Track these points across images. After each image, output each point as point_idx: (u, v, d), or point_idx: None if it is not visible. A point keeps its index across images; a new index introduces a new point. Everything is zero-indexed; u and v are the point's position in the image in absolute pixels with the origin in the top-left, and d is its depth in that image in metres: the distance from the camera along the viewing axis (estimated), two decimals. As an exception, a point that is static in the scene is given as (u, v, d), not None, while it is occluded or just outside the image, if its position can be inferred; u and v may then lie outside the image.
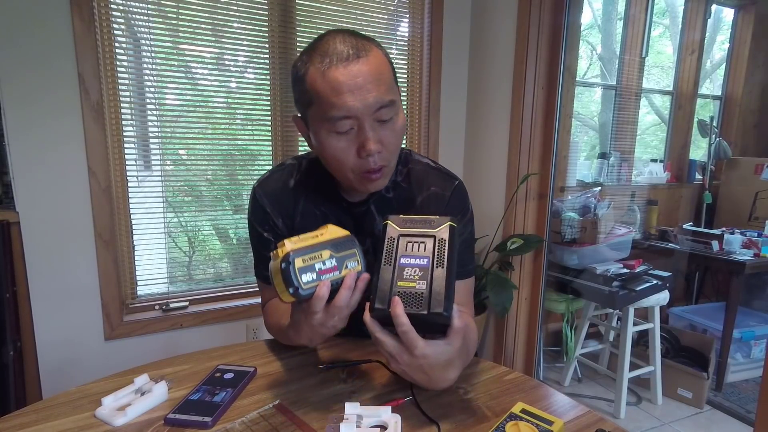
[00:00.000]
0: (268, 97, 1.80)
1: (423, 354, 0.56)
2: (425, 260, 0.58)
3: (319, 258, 0.57)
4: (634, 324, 1.90)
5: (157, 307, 1.73)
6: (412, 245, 0.59)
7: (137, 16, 1.58)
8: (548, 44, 1.81)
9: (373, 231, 0.85)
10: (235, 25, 1.72)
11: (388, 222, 0.62)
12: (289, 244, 0.57)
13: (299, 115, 0.75)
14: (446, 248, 0.59)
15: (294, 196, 0.83)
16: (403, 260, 0.58)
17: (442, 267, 0.57)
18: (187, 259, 1.86)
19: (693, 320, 2.32)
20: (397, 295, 0.56)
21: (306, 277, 0.56)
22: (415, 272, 0.57)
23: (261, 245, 0.84)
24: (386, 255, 0.59)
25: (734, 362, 2.14)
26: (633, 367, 1.92)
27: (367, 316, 0.57)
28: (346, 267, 0.60)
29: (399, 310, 0.54)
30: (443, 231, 0.60)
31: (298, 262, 0.55)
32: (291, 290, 0.55)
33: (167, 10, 1.62)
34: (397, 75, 0.76)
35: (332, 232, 0.61)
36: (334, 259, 0.59)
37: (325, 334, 0.64)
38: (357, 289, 0.60)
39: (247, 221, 0.87)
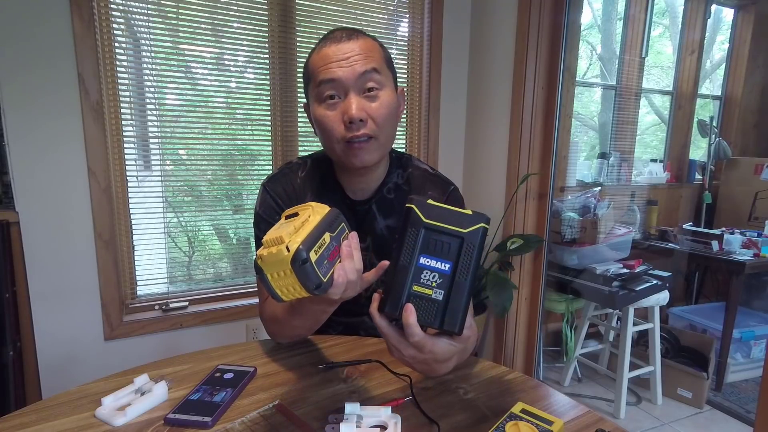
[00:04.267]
0: (268, 97, 1.80)
1: (430, 351, 0.55)
2: (447, 266, 0.52)
3: (324, 244, 0.52)
4: (634, 324, 1.90)
5: (157, 307, 1.73)
6: (436, 243, 0.52)
7: (137, 16, 1.58)
8: (548, 44, 1.81)
9: (374, 229, 0.87)
10: (235, 25, 1.72)
11: (414, 207, 0.53)
12: (292, 236, 0.50)
13: (307, 102, 0.82)
14: (473, 257, 0.52)
15: (302, 191, 0.87)
16: (422, 260, 0.52)
17: (465, 279, 0.52)
18: (187, 259, 1.86)
19: (693, 320, 2.32)
20: (411, 301, 0.52)
21: (322, 270, 0.51)
22: (434, 278, 0.52)
23: None
24: (406, 249, 0.52)
25: (734, 362, 2.14)
26: (633, 367, 1.92)
27: (374, 309, 0.55)
28: (342, 240, 0.56)
29: (412, 320, 0.52)
30: (474, 234, 0.53)
31: (313, 256, 0.49)
32: (314, 287, 0.50)
33: (167, 10, 1.62)
34: (398, 75, 0.78)
35: (318, 209, 0.56)
36: (333, 240, 0.54)
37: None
38: (355, 249, 0.57)
39: (253, 217, 0.88)
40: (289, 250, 0.48)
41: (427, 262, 0.52)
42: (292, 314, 0.71)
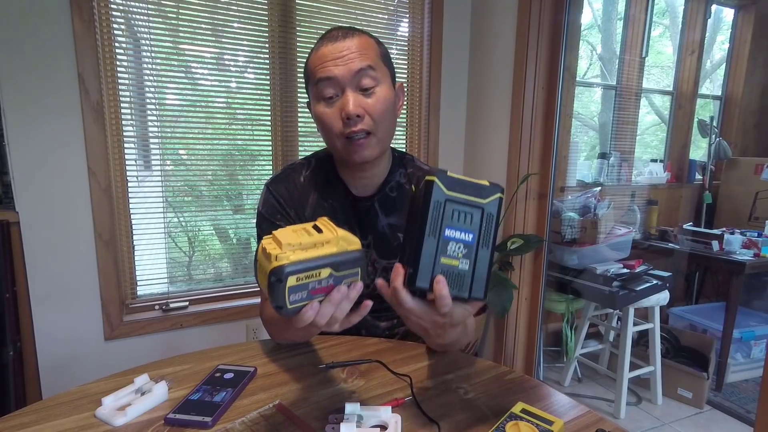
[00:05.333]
0: (268, 97, 1.80)
1: (449, 316, 0.56)
2: (471, 236, 0.53)
3: (316, 276, 0.49)
4: (634, 324, 1.90)
5: (157, 307, 1.73)
6: (459, 215, 0.53)
7: (137, 16, 1.58)
8: (548, 44, 1.81)
9: (375, 227, 0.88)
10: (235, 25, 1.72)
11: (435, 179, 0.52)
12: (288, 251, 0.48)
13: (309, 100, 0.84)
14: (493, 226, 0.54)
15: (305, 190, 0.87)
16: (448, 232, 0.53)
17: (487, 247, 0.54)
18: (187, 259, 1.86)
19: (693, 320, 2.32)
20: (441, 274, 0.53)
21: (294, 296, 0.48)
22: (459, 248, 0.53)
23: None
24: (431, 224, 0.52)
25: (734, 362, 2.14)
26: (633, 367, 1.92)
27: (400, 284, 0.54)
28: (344, 285, 0.52)
29: (445, 291, 0.52)
30: (492, 204, 0.54)
31: (291, 281, 0.47)
32: (274, 305, 0.48)
33: (167, 10, 1.62)
34: (398, 75, 0.79)
35: (342, 239, 0.51)
36: (332, 278, 0.51)
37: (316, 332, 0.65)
38: (347, 299, 0.54)
39: (256, 217, 0.88)
40: (275, 260, 0.47)
41: (452, 233, 0.53)
42: (284, 321, 0.71)
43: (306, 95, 0.85)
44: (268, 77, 1.79)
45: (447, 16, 2.06)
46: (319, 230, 0.52)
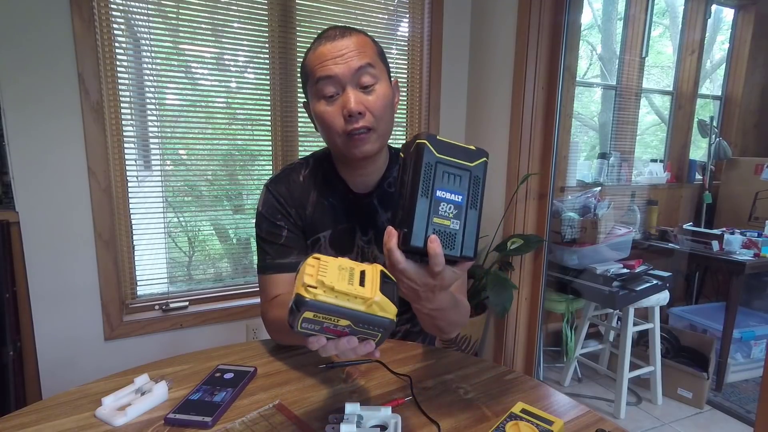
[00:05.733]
0: (268, 97, 1.80)
1: (441, 277, 0.57)
2: (460, 197, 0.55)
3: (334, 321, 0.48)
4: (634, 324, 1.90)
5: (157, 307, 1.73)
6: (449, 177, 0.55)
7: (137, 16, 1.58)
8: (548, 44, 1.81)
9: (376, 222, 0.89)
10: (235, 25, 1.72)
11: (425, 142, 0.54)
12: (320, 289, 0.46)
13: (306, 100, 0.84)
14: (480, 188, 0.56)
15: (305, 189, 0.88)
16: (439, 193, 0.54)
17: (475, 209, 0.56)
18: (187, 259, 1.86)
19: (693, 320, 2.32)
20: (434, 233, 0.54)
21: (306, 325, 0.49)
22: (450, 209, 0.55)
23: (271, 235, 0.86)
24: (423, 184, 0.54)
25: (734, 362, 2.14)
26: (633, 367, 1.92)
27: (394, 245, 0.55)
28: (357, 337, 0.51)
29: (439, 249, 0.54)
30: (479, 167, 0.57)
31: (308, 314, 0.47)
32: (287, 320, 0.49)
33: (167, 10, 1.62)
34: (398, 75, 0.79)
35: (376, 305, 0.48)
36: (349, 329, 0.49)
37: None
38: (352, 351, 0.52)
39: (255, 217, 0.88)
40: (303, 290, 0.47)
41: (443, 194, 0.55)
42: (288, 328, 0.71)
43: (303, 95, 0.86)
44: (268, 77, 1.79)
45: (447, 16, 2.06)
46: (363, 281, 0.50)
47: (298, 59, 1.82)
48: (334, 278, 0.48)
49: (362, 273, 0.51)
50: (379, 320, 0.49)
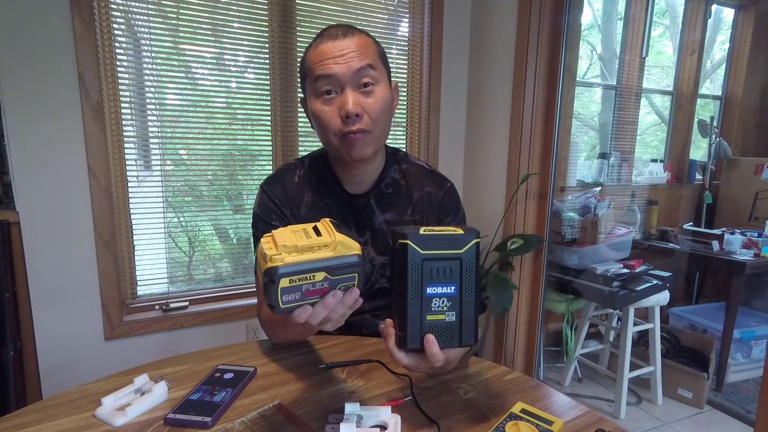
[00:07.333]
0: (268, 97, 1.80)
1: (446, 360, 0.58)
2: (453, 288, 0.54)
3: (310, 279, 0.49)
4: (635, 324, 1.90)
5: (157, 307, 1.73)
6: (437, 271, 0.54)
7: (137, 16, 1.58)
8: (548, 44, 1.81)
9: (373, 224, 0.88)
10: (235, 25, 1.72)
11: (408, 242, 0.53)
12: (283, 253, 0.48)
13: (303, 96, 0.84)
14: (473, 273, 0.55)
15: (300, 190, 0.88)
16: (429, 290, 0.54)
17: (471, 295, 0.55)
18: (187, 259, 1.86)
19: (693, 320, 2.32)
20: (429, 331, 0.54)
21: (287, 297, 0.49)
22: (443, 302, 0.54)
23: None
24: (412, 286, 0.53)
25: (734, 362, 2.14)
26: (633, 367, 1.92)
27: (393, 345, 0.57)
28: (339, 289, 0.52)
29: (435, 349, 0.54)
30: (470, 252, 0.55)
31: (284, 282, 0.47)
32: (268, 303, 0.49)
33: (167, 10, 1.62)
34: (398, 75, 0.79)
35: (340, 244, 0.50)
36: (327, 282, 0.50)
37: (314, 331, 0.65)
38: (341, 304, 0.53)
39: (252, 218, 0.88)
40: (269, 261, 0.48)
41: (434, 290, 0.54)
42: (280, 320, 0.71)
43: (301, 91, 0.85)
44: (268, 77, 1.79)
45: (447, 16, 2.05)
46: (318, 233, 0.51)
47: (299, 59, 1.80)
48: (292, 239, 0.49)
49: (315, 228, 0.52)
50: (349, 259, 0.50)
